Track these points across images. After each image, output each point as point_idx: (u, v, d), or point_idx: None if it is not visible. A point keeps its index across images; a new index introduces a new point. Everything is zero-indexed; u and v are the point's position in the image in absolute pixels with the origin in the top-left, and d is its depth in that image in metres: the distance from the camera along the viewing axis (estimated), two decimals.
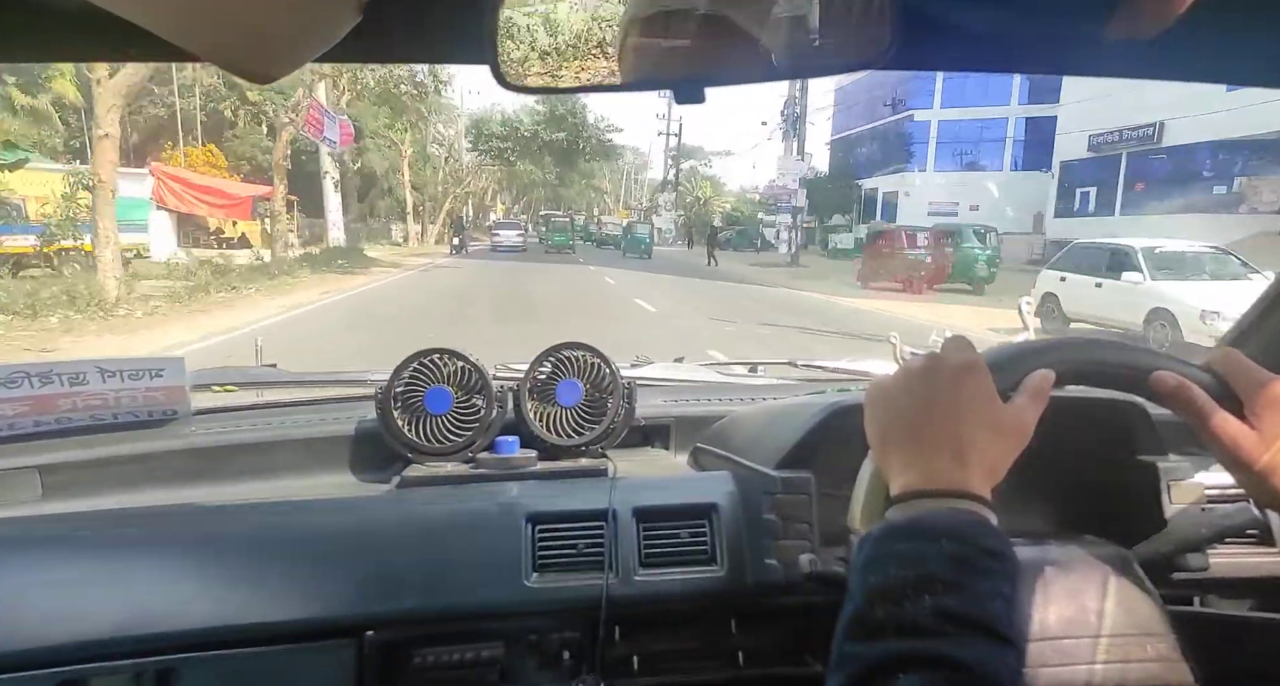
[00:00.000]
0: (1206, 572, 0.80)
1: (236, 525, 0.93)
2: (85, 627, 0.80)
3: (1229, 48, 0.73)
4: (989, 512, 0.52)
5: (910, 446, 0.56)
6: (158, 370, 1.14)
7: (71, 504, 1.02)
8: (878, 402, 0.59)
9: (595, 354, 1.17)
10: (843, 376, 1.55)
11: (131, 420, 1.14)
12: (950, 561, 0.49)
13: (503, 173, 43.05)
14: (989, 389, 0.57)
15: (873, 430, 0.59)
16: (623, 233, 37.76)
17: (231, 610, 0.84)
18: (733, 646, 0.92)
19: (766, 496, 0.91)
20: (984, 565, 0.49)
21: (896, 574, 0.49)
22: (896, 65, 0.79)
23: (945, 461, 0.54)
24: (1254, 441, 0.56)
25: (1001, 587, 0.49)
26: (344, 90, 21.56)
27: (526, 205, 69.27)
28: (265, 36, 0.58)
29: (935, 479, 0.53)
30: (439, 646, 0.87)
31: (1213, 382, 0.60)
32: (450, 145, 40.78)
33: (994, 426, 0.55)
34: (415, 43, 0.73)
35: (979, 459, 0.54)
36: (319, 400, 1.35)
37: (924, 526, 0.51)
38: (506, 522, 0.93)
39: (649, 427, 1.23)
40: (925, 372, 0.57)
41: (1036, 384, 0.58)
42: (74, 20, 0.63)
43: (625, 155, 54.92)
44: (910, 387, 0.57)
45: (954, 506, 0.52)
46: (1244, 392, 0.58)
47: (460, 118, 40.79)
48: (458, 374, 1.13)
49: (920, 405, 0.56)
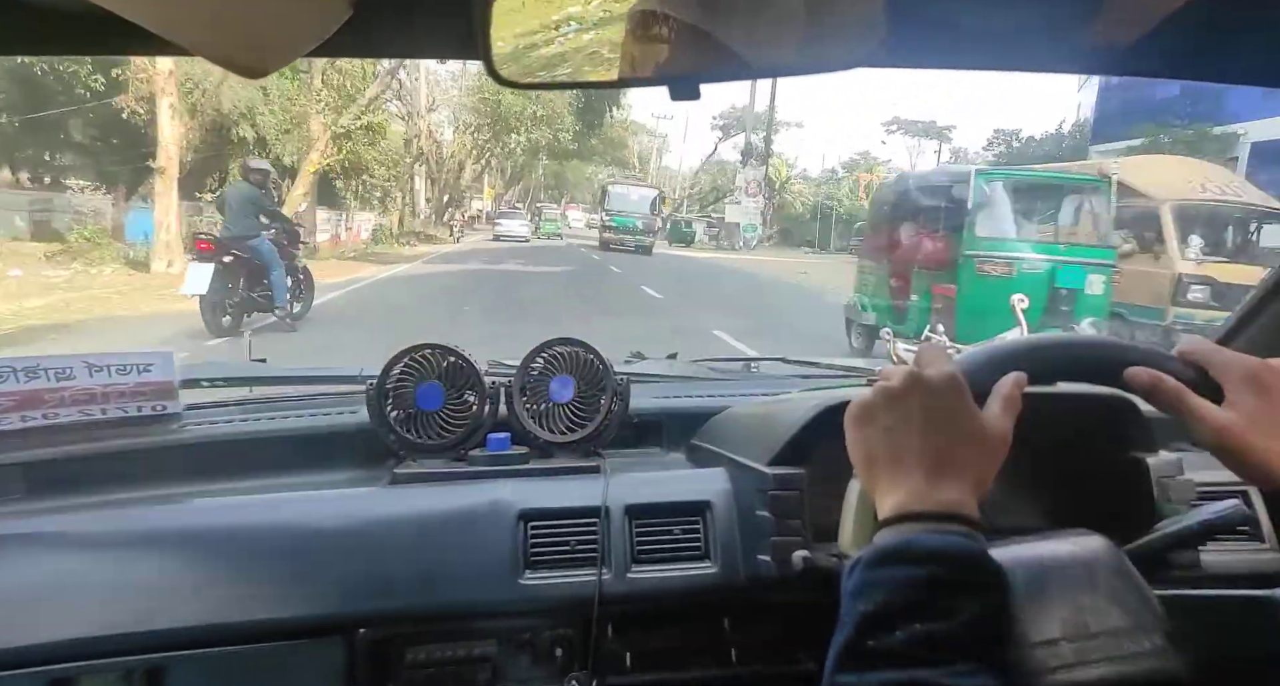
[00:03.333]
0: (1198, 569, 0.81)
1: (227, 522, 0.93)
2: (73, 626, 0.80)
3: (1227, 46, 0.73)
4: (978, 532, 0.52)
5: (894, 467, 0.55)
6: (146, 365, 1.13)
7: (58, 500, 1.01)
8: (858, 425, 0.59)
9: (588, 350, 1.17)
10: (836, 372, 1.55)
11: (120, 416, 1.13)
12: (940, 586, 0.49)
13: (490, 150, 33.75)
14: (966, 401, 0.56)
15: (855, 453, 0.59)
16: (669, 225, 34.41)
17: (222, 607, 0.83)
18: (726, 643, 0.92)
19: (760, 493, 0.91)
20: (974, 588, 0.49)
21: (886, 601, 0.49)
22: (892, 63, 0.79)
23: (930, 481, 0.54)
24: (1236, 425, 0.56)
25: (992, 610, 0.49)
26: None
27: (523, 193, 60.59)
28: (258, 31, 0.57)
29: (921, 499, 0.53)
30: (431, 644, 0.87)
31: (1187, 371, 0.60)
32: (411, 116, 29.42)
33: (975, 440, 0.55)
34: (408, 37, 0.72)
35: (963, 475, 0.54)
36: (310, 396, 1.34)
37: (913, 551, 0.51)
38: (498, 519, 0.93)
39: (642, 424, 1.23)
40: (902, 391, 0.57)
41: (1008, 391, 0.58)
42: (67, 15, 0.63)
43: (639, 138, 44.52)
44: (889, 407, 0.57)
45: (942, 528, 0.51)
46: (1220, 377, 0.59)
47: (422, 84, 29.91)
48: (449, 370, 1.13)
49: (900, 425, 0.56)
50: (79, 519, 0.94)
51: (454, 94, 32.61)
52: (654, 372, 1.48)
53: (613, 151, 45.67)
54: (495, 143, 30.32)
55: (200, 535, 0.90)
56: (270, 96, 17.08)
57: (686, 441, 1.18)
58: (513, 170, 51.27)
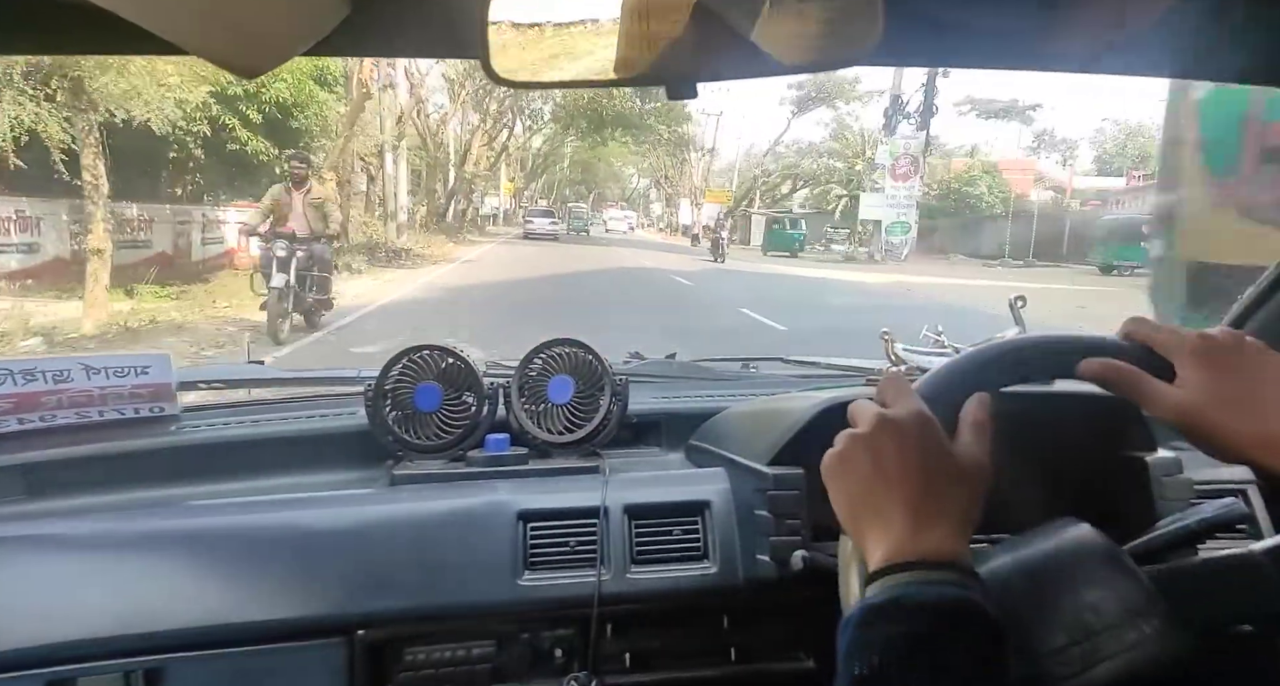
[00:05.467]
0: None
1: (225, 523, 0.93)
2: (72, 627, 0.80)
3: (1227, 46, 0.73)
4: (970, 578, 0.51)
5: (876, 519, 0.54)
6: (144, 367, 1.12)
7: (56, 503, 1.01)
8: (836, 477, 0.57)
9: (586, 350, 1.17)
10: (835, 372, 1.55)
11: (118, 418, 1.12)
12: (932, 643, 0.48)
13: (507, 123, 28.74)
14: (938, 436, 0.56)
15: (838, 506, 0.58)
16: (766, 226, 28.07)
17: (220, 609, 0.83)
18: (725, 643, 0.92)
19: (759, 493, 0.91)
20: (967, 641, 0.48)
21: (879, 663, 0.48)
22: (889, 61, 0.79)
23: (914, 529, 0.53)
24: (1190, 402, 0.56)
25: (988, 661, 0.48)
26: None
27: (546, 188, 54.08)
28: (253, 30, 0.57)
29: (907, 549, 0.52)
30: (430, 645, 0.87)
31: (1137, 352, 0.60)
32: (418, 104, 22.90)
33: (954, 477, 0.54)
34: (404, 35, 0.72)
35: (948, 517, 0.53)
36: (307, 397, 1.34)
37: (901, 607, 0.49)
38: (497, 520, 0.93)
39: (641, 424, 1.23)
40: (872, 437, 0.56)
41: (974, 417, 0.58)
42: (61, 14, 0.62)
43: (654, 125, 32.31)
44: (862, 457, 0.56)
45: (931, 578, 0.50)
46: (1167, 355, 0.58)
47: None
48: (447, 371, 1.12)
49: (875, 474, 0.55)
50: (77, 521, 0.94)
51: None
52: (652, 373, 1.48)
53: (673, 123, 34.67)
54: (511, 119, 23.44)
55: (198, 537, 0.90)
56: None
57: (685, 441, 1.18)
58: (534, 163, 45.02)
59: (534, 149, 41.67)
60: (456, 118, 27.61)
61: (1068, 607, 0.57)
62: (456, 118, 27.61)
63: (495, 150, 32.99)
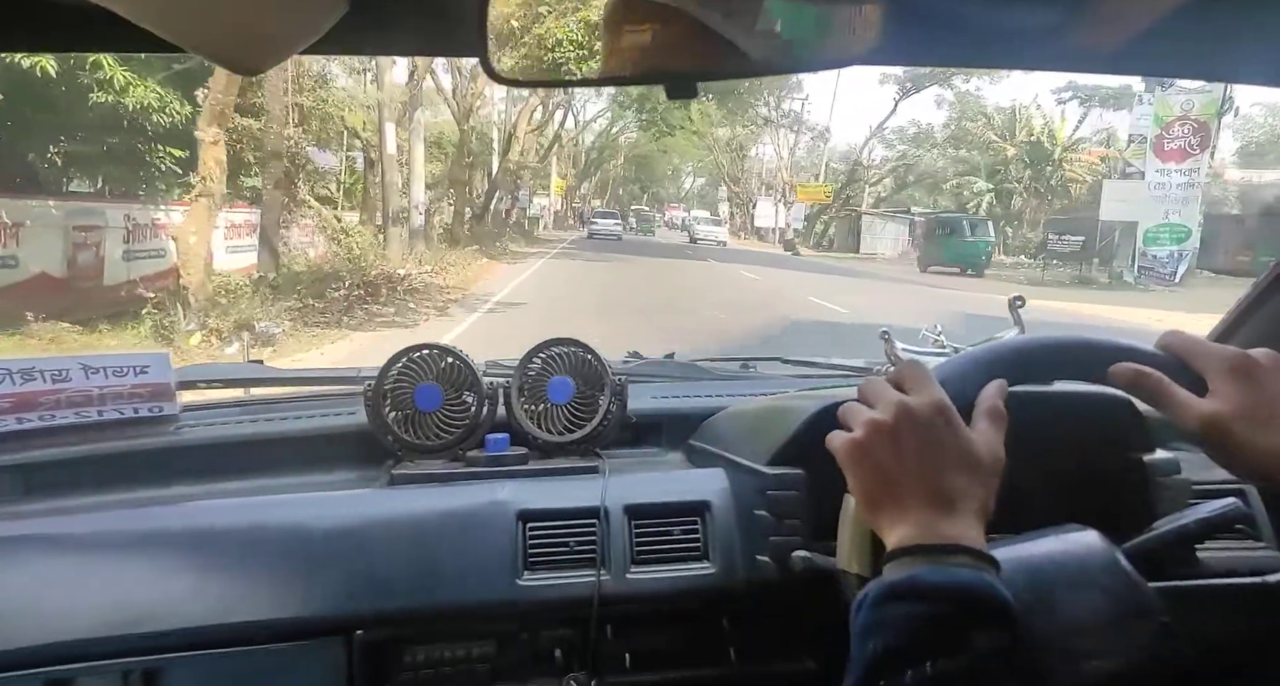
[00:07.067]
0: (1195, 569, 0.80)
1: (224, 523, 0.92)
2: (70, 627, 0.80)
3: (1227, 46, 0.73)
4: (986, 564, 0.52)
5: (895, 503, 0.55)
6: (143, 366, 1.12)
7: (55, 502, 1.01)
8: (855, 462, 0.58)
9: (586, 350, 1.16)
10: (834, 372, 1.55)
11: (117, 417, 1.12)
12: (947, 623, 0.48)
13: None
14: (955, 427, 0.56)
15: (856, 491, 0.59)
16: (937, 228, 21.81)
17: (219, 608, 0.83)
18: (725, 643, 0.92)
19: (758, 493, 0.91)
20: (982, 623, 0.49)
21: (894, 641, 0.49)
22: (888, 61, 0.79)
23: (933, 514, 0.53)
24: (1220, 415, 0.56)
25: (1002, 643, 0.49)
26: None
27: (599, 187, 48.28)
28: (252, 28, 0.57)
29: (926, 534, 0.53)
30: (430, 644, 0.87)
31: (1171, 363, 0.60)
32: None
33: (970, 466, 0.55)
34: (404, 34, 0.72)
35: (964, 505, 0.54)
36: (307, 397, 1.33)
37: (918, 587, 0.50)
38: (497, 520, 0.93)
39: (640, 424, 1.23)
40: (890, 424, 0.56)
41: (991, 404, 0.58)
42: (61, 13, 0.62)
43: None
44: (880, 443, 0.57)
45: (947, 562, 0.51)
46: (1202, 368, 0.58)
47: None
48: (447, 371, 1.12)
49: (893, 462, 0.56)
50: (76, 521, 0.94)
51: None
52: (652, 373, 1.48)
53: (788, 93, 30.19)
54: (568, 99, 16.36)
55: (197, 537, 0.90)
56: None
57: (685, 441, 1.18)
58: (587, 159, 39.18)
59: (586, 144, 36.48)
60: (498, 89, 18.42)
61: (1070, 606, 0.57)
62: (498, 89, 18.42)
63: (546, 138, 27.19)
